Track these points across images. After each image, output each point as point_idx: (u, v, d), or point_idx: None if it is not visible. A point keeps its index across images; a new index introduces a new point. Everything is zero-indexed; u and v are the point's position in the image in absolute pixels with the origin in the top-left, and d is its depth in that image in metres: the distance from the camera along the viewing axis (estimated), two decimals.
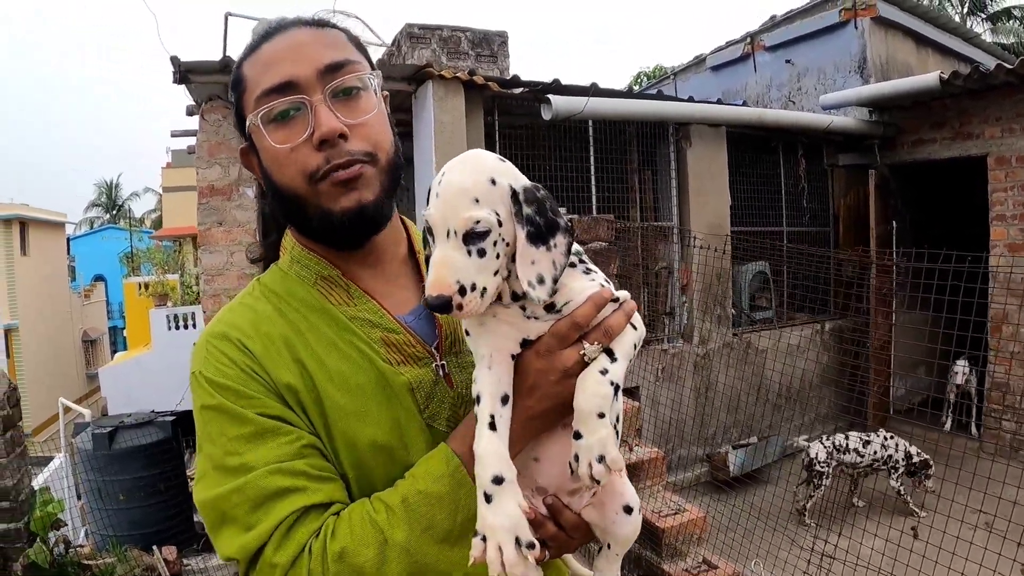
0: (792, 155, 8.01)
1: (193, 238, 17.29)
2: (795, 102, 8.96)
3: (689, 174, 6.96)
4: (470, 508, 0.94)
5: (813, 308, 7.48)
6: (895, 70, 8.49)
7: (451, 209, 0.89)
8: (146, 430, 5.93)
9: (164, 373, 10.32)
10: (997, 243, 7.08)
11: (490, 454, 0.91)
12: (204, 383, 1.03)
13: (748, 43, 9.55)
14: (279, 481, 0.95)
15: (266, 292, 1.14)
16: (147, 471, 5.81)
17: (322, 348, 1.06)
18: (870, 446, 5.71)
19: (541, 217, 0.90)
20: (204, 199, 5.53)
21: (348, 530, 0.94)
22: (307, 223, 1.09)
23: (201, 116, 5.54)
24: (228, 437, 0.99)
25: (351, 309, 1.10)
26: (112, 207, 43.13)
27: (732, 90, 9.81)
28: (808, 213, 8.20)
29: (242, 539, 0.94)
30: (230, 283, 5.51)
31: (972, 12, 22.54)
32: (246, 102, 1.08)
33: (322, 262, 1.12)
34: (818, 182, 8.32)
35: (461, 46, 8.03)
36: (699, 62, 10.51)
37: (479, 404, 0.93)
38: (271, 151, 1.05)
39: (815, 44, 8.79)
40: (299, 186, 1.05)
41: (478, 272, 0.89)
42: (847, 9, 8.36)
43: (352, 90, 1.06)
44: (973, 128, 7.26)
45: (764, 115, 7.29)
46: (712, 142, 7.06)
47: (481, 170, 0.91)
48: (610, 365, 0.92)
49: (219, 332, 1.07)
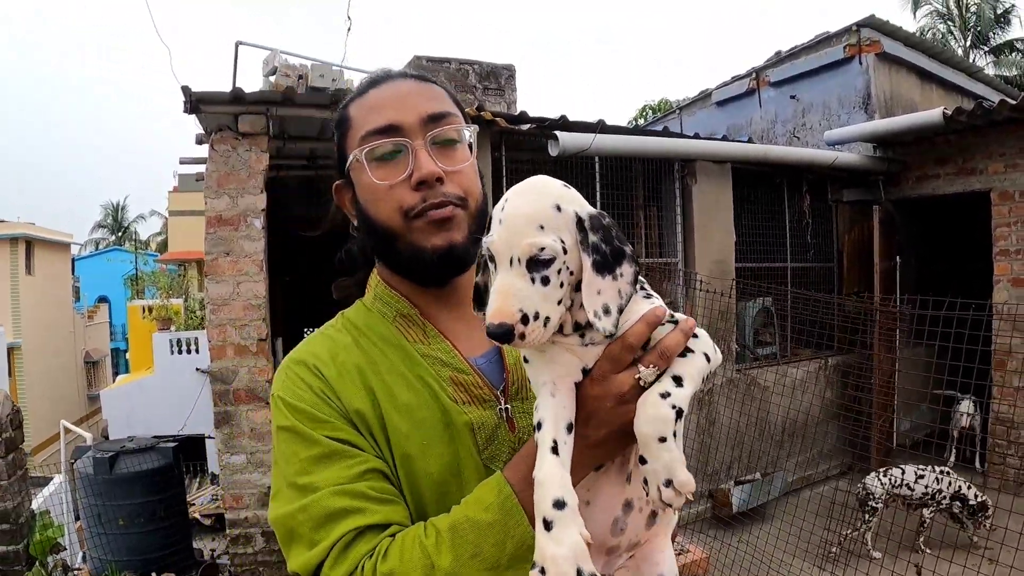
0: (797, 191, 8.02)
1: (198, 263, 17.33)
2: (800, 138, 9.00)
3: (694, 210, 6.98)
4: (520, 538, 0.94)
5: (817, 344, 7.47)
6: (899, 106, 8.54)
7: (515, 235, 0.88)
8: (148, 456, 5.92)
9: (165, 397, 10.33)
10: (1001, 278, 7.10)
11: (552, 478, 0.87)
12: (281, 405, 1.10)
13: (753, 79, 9.61)
14: (340, 502, 1.00)
15: (347, 325, 1.21)
16: (148, 497, 5.80)
17: (392, 379, 1.11)
18: (922, 481, 5.61)
19: (607, 245, 0.89)
20: (212, 229, 5.55)
21: (399, 553, 0.96)
22: (397, 258, 1.16)
23: (211, 146, 5.57)
24: (299, 458, 1.05)
25: (425, 347, 1.15)
26: (118, 229, 43.30)
27: (737, 125, 9.86)
28: (812, 249, 8.21)
29: (305, 556, 1.00)
30: (236, 313, 5.53)
31: (975, 45, 22.73)
32: (349, 141, 1.16)
33: (403, 300, 1.19)
34: (822, 218, 8.34)
35: (469, 79, 8.09)
36: (704, 97, 10.58)
37: (540, 430, 0.91)
38: (370, 187, 1.13)
39: (820, 80, 8.85)
40: (394, 222, 1.12)
41: (542, 301, 0.88)
42: (851, 45, 8.43)
43: (450, 140, 1.15)
44: (977, 164, 7.30)
45: (769, 151, 7.32)
46: (717, 178, 7.09)
47: (546, 196, 0.91)
48: (673, 388, 0.88)
49: (298, 359, 1.15)
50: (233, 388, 5.52)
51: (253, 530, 5.61)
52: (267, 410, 5.52)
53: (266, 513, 5.04)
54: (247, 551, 5.61)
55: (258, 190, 5.55)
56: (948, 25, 23.17)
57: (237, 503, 5.60)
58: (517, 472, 0.97)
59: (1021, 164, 6.94)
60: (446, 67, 7.97)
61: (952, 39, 22.83)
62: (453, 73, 7.97)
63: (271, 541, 5.61)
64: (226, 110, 5.45)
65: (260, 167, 5.54)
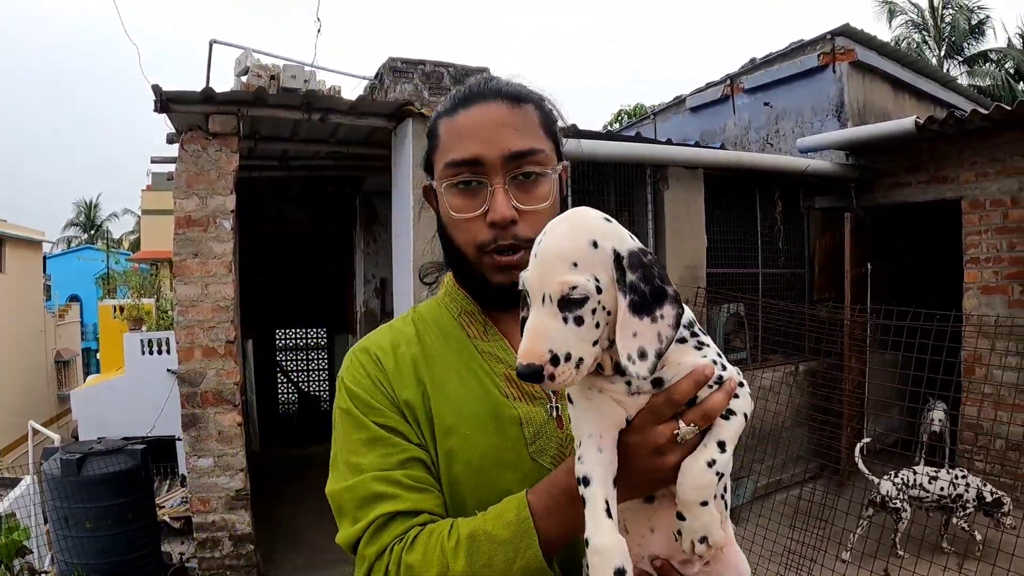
0: (769, 197, 8.06)
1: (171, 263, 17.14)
2: (773, 144, 9.05)
3: (666, 216, 6.98)
4: (529, 560, 0.99)
5: (788, 350, 7.51)
6: (872, 114, 8.61)
7: (547, 273, 0.87)
8: (116, 458, 5.83)
9: (136, 398, 10.19)
10: (971, 285, 7.16)
11: (614, 547, 0.88)
12: (343, 388, 1.21)
13: (727, 85, 9.65)
14: (378, 487, 1.10)
15: (416, 317, 1.30)
16: (115, 499, 5.70)
17: (445, 373, 1.20)
18: (937, 482, 5.56)
19: (646, 285, 0.86)
20: (181, 230, 5.51)
21: (423, 547, 1.05)
22: (465, 278, 1.25)
23: (181, 146, 5.52)
24: (351, 439, 1.16)
25: (484, 343, 1.23)
26: (90, 227, 42.88)
27: (711, 131, 9.90)
28: (783, 255, 8.25)
29: (348, 531, 1.11)
30: (204, 315, 5.48)
31: (949, 55, 22.95)
32: (436, 158, 1.22)
33: (468, 299, 1.26)
34: (794, 224, 8.38)
35: (443, 81, 8.07)
36: (679, 103, 10.60)
37: (588, 487, 0.91)
38: (447, 215, 1.20)
39: (793, 87, 8.90)
40: (468, 250, 1.19)
41: (575, 341, 0.86)
42: (826, 53, 8.48)
43: (532, 175, 1.17)
44: (948, 172, 7.36)
45: (742, 158, 7.35)
46: (690, 184, 7.10)
47: (582, 231, 0.88)
48: (717, 455, 0.90)
49: (364, 347, 1.25)
50: (201, 390, 5.48)
51: (220, 534, 5.57)
52: (234, 413, 5.51)
53: (234, 516, 5.02)
54: (214, 555, 5.56)
55: (228, 191, 5.50)
56: (923, 35, 23.40)
57: (204, 507, 5.55)
58: (540, 500, 1.01)
59: (992, 173, 7.01)
60: (420, 68, 7.95)
61: (927, 49, 23.06)
62: (427, 75, 7.95)
63: (239, 545, 5.57)
64: (196, 110, 5.41)
65: (230, 168, 5.49)
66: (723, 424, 0.92)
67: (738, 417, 0.92)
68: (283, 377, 12.02)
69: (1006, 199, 6.90)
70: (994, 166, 6.99)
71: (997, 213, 6.98)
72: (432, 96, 7.90)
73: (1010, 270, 6.88)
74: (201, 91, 5.26)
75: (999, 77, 21.48)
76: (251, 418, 9.44)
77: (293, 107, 5.59)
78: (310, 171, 7.87)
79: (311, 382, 12.19)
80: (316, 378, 12.16)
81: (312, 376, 12.19)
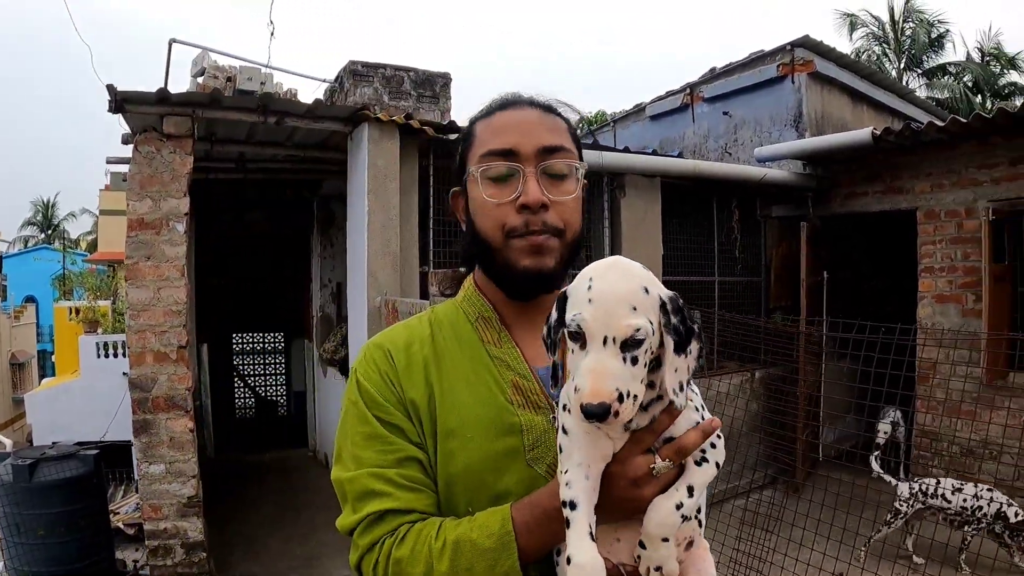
0: (726, 206, 8.14)
1: None
2: (731, 153, 9.13)
3: (623, 223, 7.01)
4: (506, 569, 1.06)
5: (744, 358, 7.56)
6: (830, 124, 8.72)
7: (611, 316, 0.92)
8: (68, 463, 5.72)
9: (92, 402, 10.04)
10: (925, 294, 7.28)
11: (596, 567, 0.95)
12: (354, 380, 1.27)
13: (687, 94, 9.73)
14: (374, 483, 1.17)
15: (433, 318, 1.35)
16: (68, 506, 5.60)
17: (454, 376, 1.24)
18: (959, 495, 5.37)
19: (683, 326, 0.96)
20: (133, 232, 5.41)
21: (412, 544, 1.12)
22: (492, 268, 1.28)
23: (135, 147, 5.42)
24: (356, 431, 1.22)
25: (496, 350, 1.27)
26: (48, 226, 42.14)
27: (670, 139, 9.97)
28: (740, 263, 8.33)
29: (348, 519, 1.19)
30: (156, 319, 5.39)
31: (909, 68, 23.30)
32: (471, 155, 1.29)
33: (487, 305, 1.31)
34: (751, 233, 8.46)
35: (404, 86, 8.04)
36: (639, 111, 10.67)
37: (574, 510, 0.98)
38: (480, 201, 1.25)
39: (753, 97, 8.99)
40: (495, 237, 1.24)
41: (632, 380, 0.93)
42: (785, 64, 8.57)
43: (560, 174, 1.26)
44: (904, 183, 7.48)
45: (699, 166, 7.40)
46: (646, 192, 7.13)
47: (635, 278, 0.96)
48: (685, 499, 0.99)
49: (379, 342, 1.31)
50: (152, 396, 5.39)
51: (173, 541, 5.48)
52: (186, 419, 5.43)
53: (186, 524, 4.95)
54: (166, 563, 5.47)
55: (181, 193, 5.42)
56: (883, 47, 23.72)
57: (156, 513, 5.46)
58: (522, 515, 1.08)
59: (947, 184, 7.12)
60: (381, 72, 7.92)
61: (887, 61, 23.40)
62: (388, 79, 7.92)
63: (191, 553, 5.49)
64: (151, 111, 5.32)
65: (184, 170, 5.41)
66: (695, 470, 1.01)
67: (710, 465, 1.02)
68: (240, 382, 11.88)
69: (961, 210, 7.02)
70: (950, 177, 7.11)
71: (952, 224, 7.10)
72: (392, 100, 7.88)
73: (964, 279, 7.00)
74: (156, 92, 5.18)
75: (957, 90, 21.85)
76: (206, 423, 9.32)
77: (249, 109, 5.53)
78: (267, 174, 7.79)
79: (268, 387, 12.05)
80: (273, 383, 12.02)
81: (269, 381, 12.05)
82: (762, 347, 7.61)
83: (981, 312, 6.83)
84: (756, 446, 7.32)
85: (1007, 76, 23.00)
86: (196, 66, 6.47)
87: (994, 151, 6.79)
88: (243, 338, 11.85)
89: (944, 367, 6.61)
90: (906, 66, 23.29)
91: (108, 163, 7.56)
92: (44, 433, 11.25)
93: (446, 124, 6.04)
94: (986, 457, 6.49)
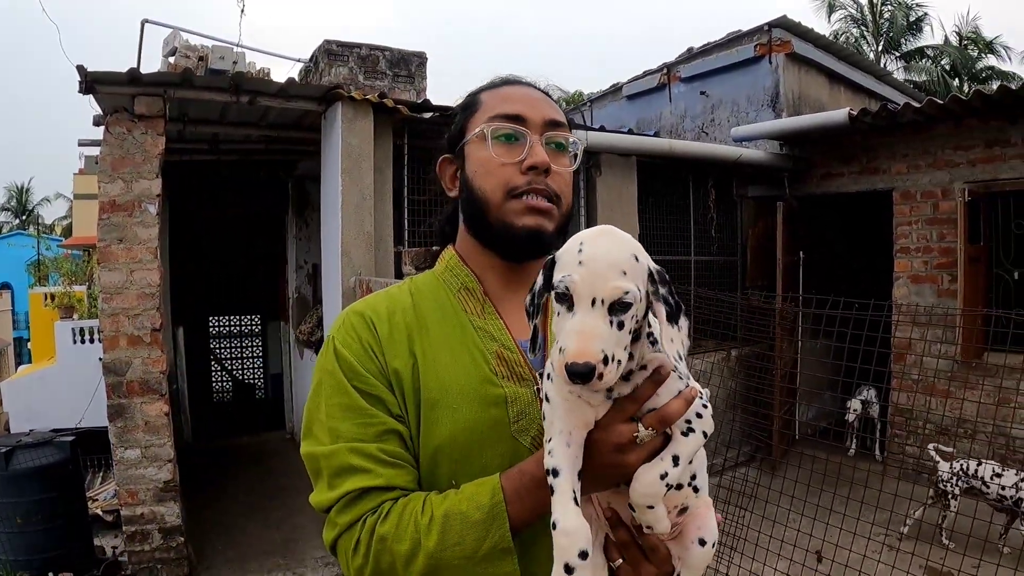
0: (702, 185, 8.15)
1: None
2: (708, 133, 9.14)
3: (598, 203, 7.01)
4: (497, 540, 1.06)
5: (721, 336, 7.59)
6: (807, 105, 8.74)
7: (599, 278, 0.93)
8: (45, 450, 5.68)
9: (68, 388, 9.97)
10: (901, 275, 7.34)
11: (580, 531, 0.97)
12: (331, 348, 1.23)
13: (664, 74, 9.72)
14: (354, 459, 1.14)
15: (413, 287, 1.34)
16: (44, 493, 5.56)
17: (438, 346, 1.23)
18: (1000, 480, 5.23)
19: (672, 298, 0.97)
20: (105, 214, 5.34)
21: (396, 520, 1.10)
22: (488, 229, 1.28)
23: (106, 128, 5.34)
24: (331, 402, 1.19)
25: (480, 320, 1.27)
26: (22, 212, 41.66)
27: (647, 119, 9.96)
28: (716, 243, 8.36)
29: (323, 495, 1.16)
30: (129, 302, 5.33)
31: (887, 50, 23.42)
32: (475, 119, 1.31)
33: (471, 276, 1.31)
34: (727, 213, 8.49)
35: (379, 66, 7.98)
36: (615, 90, 10.65)
37: (557, 477, 1.00)
38: (485, 160, 1.28)
39: (730, 77, 8.99)
40: (495, 196, 1.26)
41: (617, 344, 0.93)
42: (762, 44, 8.57)
43: (561, 146, 1.32)
44: (880, 164, 7.52)
45: (674, 145, 7.40)
46: (622, 171, 7.13)
47: (625, 244, 0.96)
48: (670, 468, 0.99)
49: (359, 310, 1.28)
50: (127, 380, 5.34)
51: (150, 527, 5.44)
52: (161, 402, 5.38)
53: (163, 509, 4.90)
54: (144, 548, 5.44)
55: (153, 175, 5.35)
56: (861, 30, 23.85)
57: (133, 499, 5.42)
58: (512, 484, 1.09)
59: (923, 166, 7.17)
60: (356, 52, 7.85)
61: (865, 44, 23.52)
62: (363, 58, 7.85)
63: (168, 538, 5.46)
64: (122, 91, 5.23)
65: (156, 151, 5.34)
66: (682, 440, 1.02)
67: (697, 435, 1.03)
68: (216, 365, 11.80)
69: (937, 191, 7.07)
70: (926, 159, 7.16)
71: (927, 204, 7.15)
72: (367, 80, 7.81)
73: (940, 260, 7.06)
74: (127, 72, 5.10)
75: (935, 73, 22.01)
76: (182, 408, 9.26)
77: (221, 89, 5.46)
78: (241, 155, 7.72)
79: (245, 370, 11.98)
80: (251, 366, 11.95)
81: (246, 364, 11.97)
82: (739, 324, 7.64)
83: (956, 293, 6.90)
84: (731, 424, 7.36)
85: (984, 60, 23.23)
86: (168, 46, 6.39)
87: (970, 133, 6.84)
88: (219, 321, 11.75)
89: (919, 345, 6.66)
90: (884, 49, 23.43)
91: (80, 145, 7.48)
92: (20, 421, 11.16)
93: (420, 103, 6.01)
94: (960, 436, 6.57)
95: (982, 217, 7.00)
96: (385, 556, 1.09)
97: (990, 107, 6.48)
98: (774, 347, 7.46)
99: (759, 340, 7.57)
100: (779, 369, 7.43)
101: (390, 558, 1.09)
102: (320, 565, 5.71)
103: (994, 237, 7.07)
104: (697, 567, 1.13)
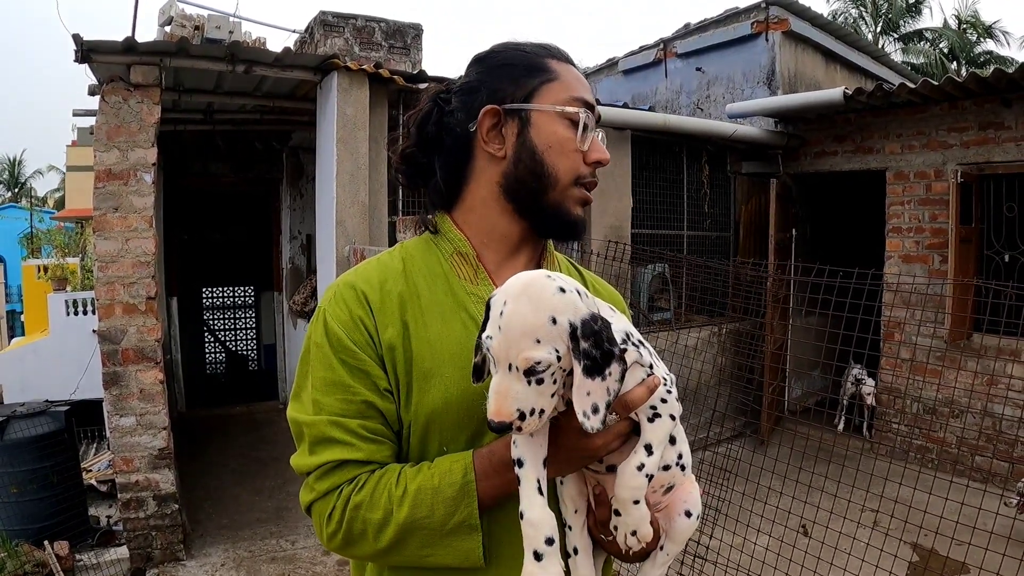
0: (696, 161, 8.16)
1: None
2: (703, 109, 9.15)
3: None
4: (465, 516, 1.11)
5: (712, 311, 7.64)
6: (803, 83, 8.75)
7: (513, 347, 0.95)
8: (38, 420, 5.73)
9: (62, 360, 9.99)
10: (892, 254, 7.37)
11: (544, 520, 1.02)
12: (320, 320, 1.23)
13: (661, 49, 9.71)
14: (334, 432, 1.16)
15: (404, 253, 1.32)
16: (40, 463, 5.62)
17: (429, 310, 1.23)
18: None
19: (597, 350, 0.96)
20: (101, 183, 5.33)
21: (371, 491, 1.14)
22: (539, 203, 1.27)
23: (101, 97, 5.33)
24: (317, 375, 1.20)
25: (472, 286, 1.27)
26: (14, 185, 41.36)
27: (642, 94, 9.96)
28: (709, 218, 8.39)
29: (303, 460, 1.19)
30: (125, 271, 5.34)
31: (885, 31, 23.32)
32: (549, 89, 1.25)
33: (465, 242, 1.30)
34: (721, 189, 8.52)
35: (375, 37, 7.95)
36: (611, 65, 10.65)
37: (522, 468, 1.04)
38: (564, 139, 1.25)
39: (726, 54, 8.99)
40: (566, 178, 1.26)
41: (536, 398, 0.97)
42: (759, 22, 8.57)
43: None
44: (874, 143, 7.54)
45: (669, 120, 7.39)
46: (617, 144, 7.12)
47: (542, 308, 0.96)
48: (646, 459, 1.04)
49: (350, 281, 1.26)
50: (122, 348, 5.35)
51: (145, 494, 5.47)
52: (156, 370, 5.40)
53: (157, 476, 4.93)
54: (139, 516, 5.47)
55: (149, 144, 5.35)
56: (860, 10, 23.71)
57: (128, 466, 5.44)
58: (482, 463, 1.12)
59: (917, 146, 7.19)
60: (352, 23, 7.82)
61: (863, 24, 23.41)
62: (359, 29, 7.82)
63: (163, 505, 5.50)
64: (118, 60, 5.21)
65: (151, 120, 5.33)
66: (649, 427, 1.05)
67: (664, 419, 1.06)
68: (210, 336, 11.80)
69: (930, 171, 7.10)
70: (920, 139, 7.18)
71: (920, 185, 7.18)
72: (362, 51, 7.79)
73: (931, 240, 7.10)
74: (123, 41, 5.09)
75: (933, 56, 21.94)
76: (176, 377, 9.29)
77: (217, 58, 5.44)
78: (236, 125, 7.70)
79: (239, 341, 11.98)
80: (244, 337, 11.94)
81: (240, 336, 11.96)
82: (730, 301, 7.68)
83: (947, 273, 6.94)
84: (718, 399, 7.42)
85: (983, 44, 23.15)
86: (163, 15, 6.35)
87: (964, 115, 6.86)
88: (213, 292, 11.73)
89: (909, 326, 6.72)
90: (882, 30, 23.32)
91: (75, 115, 7.43)
92: (14, 393, 11.18)
93: (416, 74, 6.00)
94: (949, 416, 6.64)
95: (974, 199, 7.04)
96: (357, 524, 1.14)
97: (985, 89, 6.50)
98: (764, 324, 7.51)
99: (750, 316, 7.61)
100: (769, 344, 7.49)
101: (362, 526, 1.14)
102: (311, 533, 5.76)
103: (986, 219, 7.11)
104: (681, 538, 1.19)
